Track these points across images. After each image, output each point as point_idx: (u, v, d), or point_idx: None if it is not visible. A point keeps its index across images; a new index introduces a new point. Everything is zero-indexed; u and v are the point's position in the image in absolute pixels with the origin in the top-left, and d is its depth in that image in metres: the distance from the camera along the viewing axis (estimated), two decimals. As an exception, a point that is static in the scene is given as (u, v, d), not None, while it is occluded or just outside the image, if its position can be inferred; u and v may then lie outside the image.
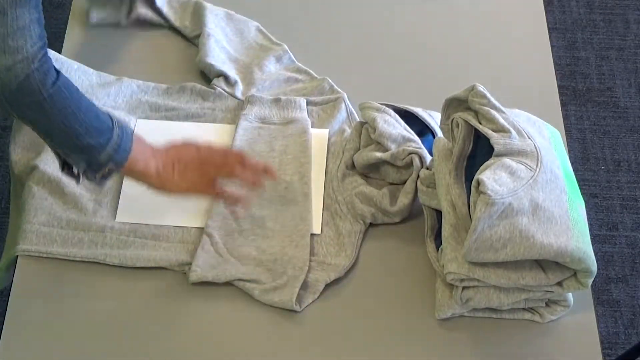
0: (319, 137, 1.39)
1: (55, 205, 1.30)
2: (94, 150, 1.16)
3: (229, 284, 1.25)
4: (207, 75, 1.47)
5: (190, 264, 1.25)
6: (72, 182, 1.31)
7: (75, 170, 1.22)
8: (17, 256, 1.26)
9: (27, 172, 1.33)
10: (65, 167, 1.22)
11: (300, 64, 1.50)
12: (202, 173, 1.25)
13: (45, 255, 1.26)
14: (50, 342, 1.20)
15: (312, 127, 1.41)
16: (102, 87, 1.43)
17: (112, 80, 1.45)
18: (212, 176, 1.26)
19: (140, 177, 1.23)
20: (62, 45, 1.50)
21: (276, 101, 1.42)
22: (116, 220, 1.29)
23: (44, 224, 1.28)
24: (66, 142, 1.16)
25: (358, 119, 1.41)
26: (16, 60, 1.06)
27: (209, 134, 1.40)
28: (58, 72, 1.13)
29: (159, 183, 1.23)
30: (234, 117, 1.43)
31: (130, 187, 1.32)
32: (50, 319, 1.22)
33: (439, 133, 1.34)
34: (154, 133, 1.38)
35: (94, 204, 1.31)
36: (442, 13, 1.62)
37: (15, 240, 1.28)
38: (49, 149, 1.34)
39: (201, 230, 1.30)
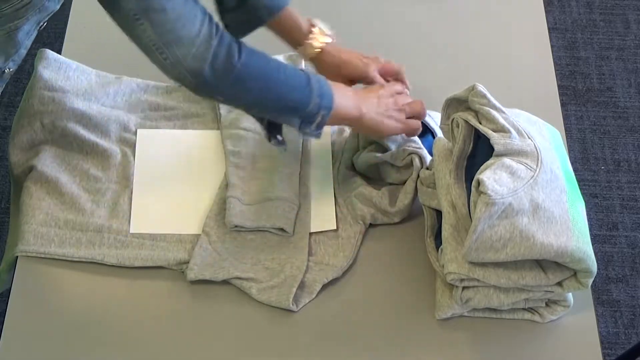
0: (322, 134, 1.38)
1: (53, 206, 1.29)
2: (302, 104, 1.19)
3: (226, 282, 1.25)
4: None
5: (188, 262, 1.25)
6: (70, 180, 1.31)
7: (279, 137, 1.25)
8: (16, 259, 1.26)
9: (25, 173, 1.33)
10: (270, 135, 1.25)
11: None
12: (401, 111, 1.30)
13: (43, 256, 1.26)
14: (50, 342, 1.19)
15: None
16: (101, 87, 1.43)
17: (111, 79, 1.45)
18: (408, 112, 1.30)
19: (353, 122, 1.27)
20: (62, 45, 1.50)
21: None
22: (130, 231, 1.29)
23: (42, 224, 1.28)
24: (274, 105, 1.19)
25: None
26: (196, 46, 1.09)
27: (211, 141, 1.40)
28: (238, 41, 1.15)
29: (371, 124, 1.27)
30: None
31: (141, 197, 1.32)
32: (50, 319, 1.21)
33: (439, 133, 1.34)
34: (155, 142, 1.38)
35: (92, 204, 1.31)
36: (442, 13, 1.62)
37: (15, 241, 1.28)
38: (48, 148, 1.34)
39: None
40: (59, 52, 1.46)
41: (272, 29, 1.34)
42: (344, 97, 1.24)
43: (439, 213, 1.26)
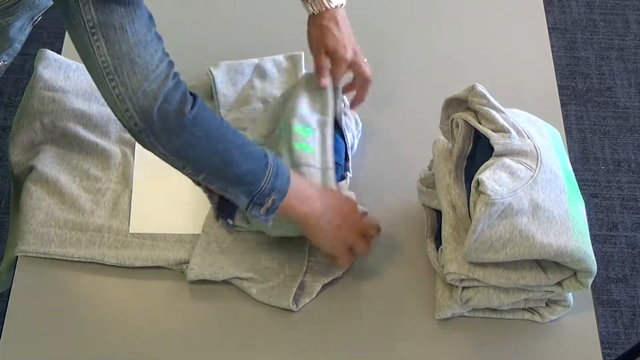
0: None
1: (53, 206, 1.30)
2: (253, 176, 1.10)
3: (226, 282, 1.25)
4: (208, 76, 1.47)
5: (188, 262, 1.25)
6: (70, 180, 1.31)
7: (229, 221, 1.17)
8: (16, 259, 1.26)
9: (25, 173, 1.33)
10: (220, 215, 1.16)
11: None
12: (344, 235, 1.21)
13: (43, 256, 1.26)
14: (50, 342, 1.19)
15: None
16: (101, 87, 1.43)
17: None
18: (353, 241, 1.22)
19: (303, 217, 1.17)
20: (62, 45, 1.50)
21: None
22: (130, 231, 1.29)
23: (42, 224, 1.28)
24: (221, 172, 1.10)
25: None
26: (149, 80, 1.01)
27: None
28: (194, 94, 1.07)
29: (315, 227, 1.19)
30: None
31: (141, 197, 1.33)
32: (50, 319, 1.21)
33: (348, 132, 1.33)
34: None
35: (92, 204, 1.31)
36: (442, 13, 1.62)
37: (15, 241, 1.28)
38: (47, 148, 1.34)
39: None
40: (59, 52, 1.46)
41: None
42: (300, 190, 1.16)
43: (439, 213, 1.26)
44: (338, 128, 1.35)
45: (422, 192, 1.29)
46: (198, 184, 1.14)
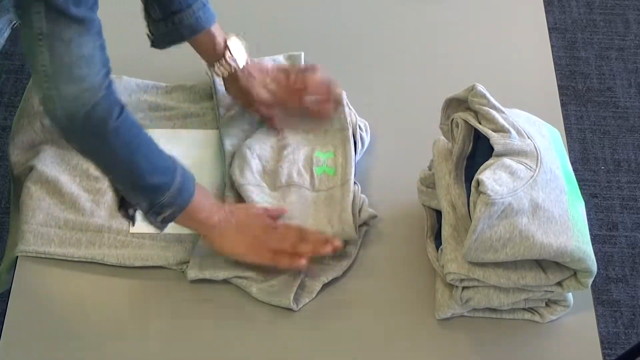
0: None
1: (53, 206, 1.29)
2: (157, 190, 1.14)
3: (226, 282, 1.25)
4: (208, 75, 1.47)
5: (188, 262, 1.25)
6: (71, 180, 1.31)
7: (130, 212, 1.20)
8: (16, 259, 1.26)
9: (25, 173, 1.33)
10: (122, 206, 1.20)
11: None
12: (261, 240, 1.23)
13: (43, 256, 1.26)
14: (50, 342, 1.19)
15: None
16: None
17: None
18: (271, 246, 1.23)
19: (201, 227, 1.22)
20: (61, 45, 1.50)
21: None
22: (130, 231, 1.29)
23: (42, 224, 1.28)
24: (129, 179, 1.14)
25: None
26: (82, 89, 1.04)
27: (211, 140, 1.40)
28: (123, 104, 1.10)
29: (218, 238, 1.22)
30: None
31: None
32: (50, 319, 1.21)
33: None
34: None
35: (92, 204, 1.31)
36: (442, 13, 1.62)
37: (15, 241, 1.28)
38: (47, 148, 1.34)
39: None
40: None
41: (191, 44, 1.34)
42: (202, 203, 1.20)
43: (439, 213, 1.26)
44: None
45: (422, 192, 1.29)
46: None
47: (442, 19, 1.61)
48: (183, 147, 1.39)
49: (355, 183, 1.32)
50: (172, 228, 1.29)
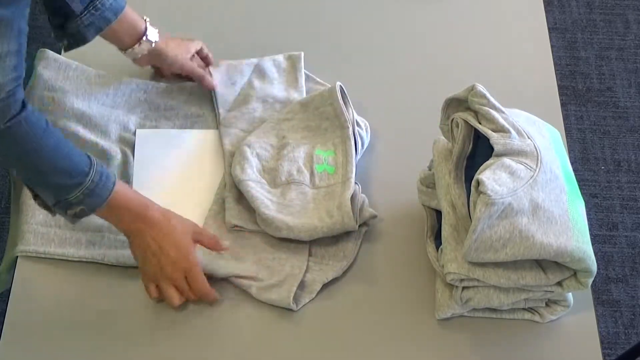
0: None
1: None
2: (62, 189, 1.15)
3: (226, 281, 1.25)
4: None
5: None
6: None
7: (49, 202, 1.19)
8: (16, 259, 1.26)
9: None
10: (37, 197, 1.20)
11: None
12: (159, 267, 1.21)
13: (43, 256, 1.26)
14: (50, 342, 1.19)
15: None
16: (101, 87, 1.43)
17: (111, 79, 1.45)
18: (168, 281, 1.21)
19: (116, 227, 1.22)
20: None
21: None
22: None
23: (42, 224, 1.28)
24: (30, 175, 1.15)
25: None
26: None
27: (211, 140, 1.40)
28: (25, 108, 1.09)
29: (129, 242, 1.21)
30: None
31: (140, 184, 1.33)
32: (50, 319, 1.21)
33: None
34: (154, 142, 1.38)
35: None
36: (442, 13, 1.62)
37: (15, 241, 1.28)
38: None
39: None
40: (58, 52, 1.46)
41: (112, 30, 1.34)
42: (123, 209, 1.19)
43: (439, 213, 1.26)
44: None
45: (422, 192, 1.29)
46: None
47: (442, 19, 1.61)
48: (183, 147, 1.40)
49: (355, 183, 1.32)
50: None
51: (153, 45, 1.38)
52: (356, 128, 1.38)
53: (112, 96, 1.43)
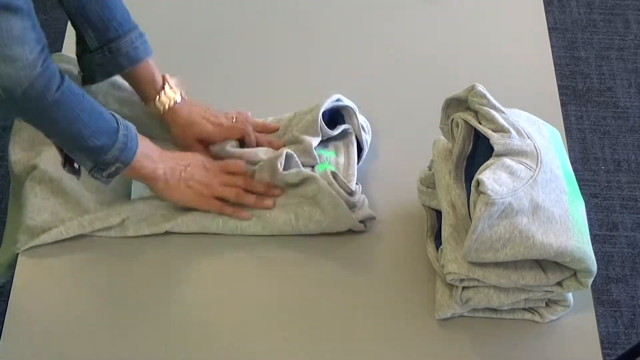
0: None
1: (58, 205, 1.30)
2: (100, 150, 1.19)
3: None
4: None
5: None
6: (73, 179, 1.32)
7: (76, 165, 1.24)
8: (17, 255, 1.27)
9: (27, 172, 1.33)
10: (67, 163, 1.24)
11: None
12: (207, 188, 1.28)
13: (50, 241, 1.27)
14: (50, 341, 1.19)
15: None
16: (102, 85, 1.43)
17: (111, 79, 1.45)
18: (216, 194, 1.29)
19: (147, 180, 1.26)
20: (62, 45, 1.50)
21: None
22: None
23: (47, 222, 1.28)
24: (72, 143, 1.19)
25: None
26: (17, 69, 1.07)
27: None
28: (63, 76, 1.13)
29: (165, 189, 1.27)
30: None
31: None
32: (50, 319, 1.21)
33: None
34: None
35: (95, 204, 1.31)
36: (442, 13, 1.62)
37: (14, 238, 1.28)
38: (49, 148, 1.34)
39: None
40: (59, 52, 1.46)
41: (128, 78, 1.34)
42: (146, 156, 1.24)
43: (439, 213, 1.26)
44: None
45: (422, 192, 1.29)
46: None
47: (442, 19, 1.61)
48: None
49: (357, 184, 1.32)
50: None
51: (171, 104, 1.34)
52: (360, 132, 1.38)
53: (112, 95, 1.42)
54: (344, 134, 1.38)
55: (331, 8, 1.61)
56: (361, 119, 1.40)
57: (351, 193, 1.29)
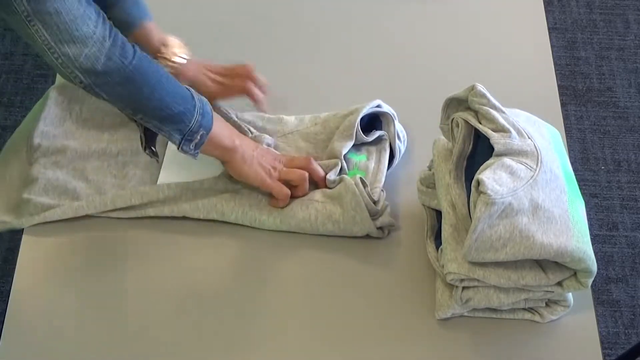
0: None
1: (79, 189, 1.32)
2: (184, 117, 1.20)
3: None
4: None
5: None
6: (97, 170, 1.35)
7: (154, 149, 1.27)
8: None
9: (49, 149, 1.35)
10: (147, 145, 1.27)
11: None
12: (275, 169, 1.29)
13: (57, 218, 1.29)
14: (50, 341, 1.19)
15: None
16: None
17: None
18: (283, 174, 1.29)
19: (227, 151, 1.26)
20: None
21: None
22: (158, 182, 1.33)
23: (61, 199, 1.31)
24: (158, 113, 1.19)
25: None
26: (90, 46, 1.09)
27: None
28: (133, 44, 1.15)
29: (241, 162, 1.27)
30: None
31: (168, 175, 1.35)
32: (51, 319, 1.21)
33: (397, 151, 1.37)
34: None
35: (117, 189, 1.33)
36: (442, 13, 1.62)
37: (20, 212, 1.30)
38: (80, 137, 1.36)
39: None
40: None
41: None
42: (221, 124, 1.26)
43: (439, 213, 1.26)
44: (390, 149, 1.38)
45: (422, 192, 1.29)
46: (134, 120, 1.24)
47: (442, 18, 1.61)
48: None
49: (382, 190, 1.32)
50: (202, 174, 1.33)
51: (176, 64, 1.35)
52: (395, 140, 1.38)
53: None
54: (378, 140, 1.38)
55: (331, 8, 1.61)
56: (398, 127, 1.39)
57: (375, 202, 1.29)
